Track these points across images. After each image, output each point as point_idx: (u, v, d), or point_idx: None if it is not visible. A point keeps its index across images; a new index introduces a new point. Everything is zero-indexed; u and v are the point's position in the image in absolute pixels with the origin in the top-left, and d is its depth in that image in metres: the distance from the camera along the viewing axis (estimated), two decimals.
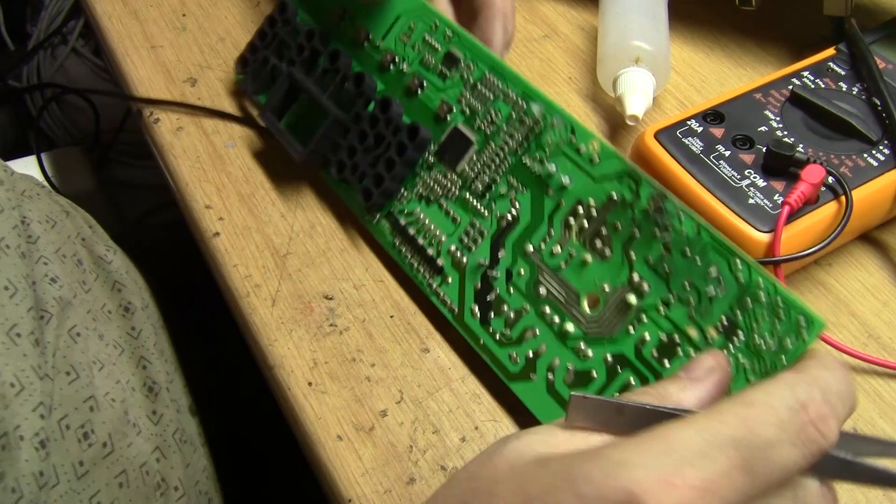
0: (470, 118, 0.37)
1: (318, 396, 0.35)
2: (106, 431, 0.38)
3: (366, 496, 0.33)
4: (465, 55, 0.38)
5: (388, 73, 0.40)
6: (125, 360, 0.42)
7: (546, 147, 0.34)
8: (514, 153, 0.35)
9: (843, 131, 0.39)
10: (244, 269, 0.40)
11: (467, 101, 0.37)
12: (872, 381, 0.35)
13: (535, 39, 0.51)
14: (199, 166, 0.44)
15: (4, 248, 0.37)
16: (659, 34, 0.45)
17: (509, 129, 0.36)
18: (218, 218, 0.42)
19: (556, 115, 0.34)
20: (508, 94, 0.36)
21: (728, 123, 0.40)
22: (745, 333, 0.28)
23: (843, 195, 0.36)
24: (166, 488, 0.40)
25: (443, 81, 0.38)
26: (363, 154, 0.38)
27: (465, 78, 0.38)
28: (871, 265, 0.39)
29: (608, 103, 0.46)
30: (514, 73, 0.36)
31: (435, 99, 0.38)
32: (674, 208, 0.30)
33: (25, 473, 0.33)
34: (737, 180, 0.37)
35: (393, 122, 0.38)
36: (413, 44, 0.40)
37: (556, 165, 0.34)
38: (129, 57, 0.50)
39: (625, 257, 0.31)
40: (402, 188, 0.38)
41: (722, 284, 0.29)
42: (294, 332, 0.37)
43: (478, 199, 0.35)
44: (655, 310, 0.30)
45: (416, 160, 0.38)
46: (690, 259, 0.30)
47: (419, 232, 0.37)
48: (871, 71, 0.41)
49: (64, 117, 0.96)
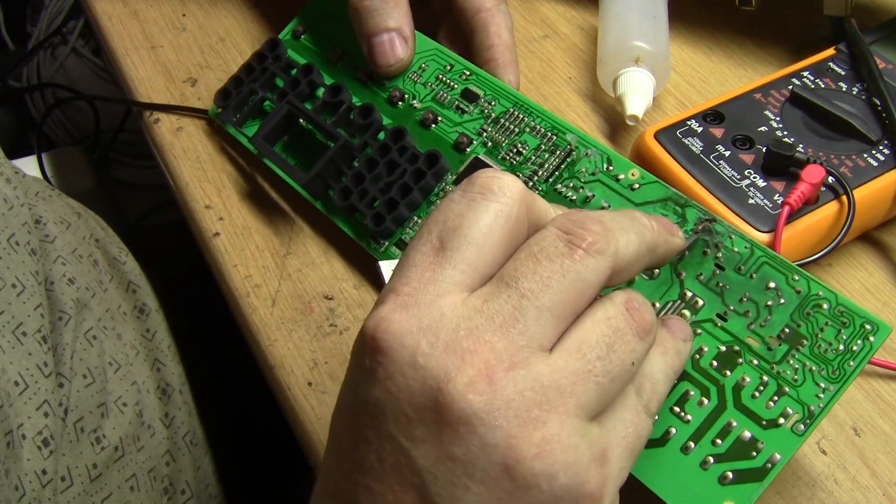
0: (492, 149, 0.38)
1: (318, 396, 0.35)
2: (118, 435, 0.38)
3: None
4: (484, 93, 0.39)
5: (397, 108, 0.40)
6: (140, 361, 0.42)
7: (580, 176, 0.35)
8: (545, 182, 0.36)
9: (843, 131, 0.39)
10: (244, 270, 0.40)
11: (489, 135, 0.38)
12: (872, 381, 0.35)
13: (535, 39, 0.51)
14: (199, 166, 0.44)
15: (13, 245, 0.37)
16: (659, 34, 0.45)
17: (538, 160, 0.36)
18: (218, 218, 0.42)
19: (592, 146, 0.35)
20: (536, 128, 0.37)
21: (728, 123, 0.40)
22: (810, 340, 0.29)
23: (845, 195, 0.36)
24: (174, 492, 0.41)
25: (460, 116, 0.39)
26: (371, 181, 0.38)
27: (486, 113, 0.38)
28: (871, 265, 0.39)
29: (608, 103, 0.46)
30: (542, 108, 0.37)
31: (451, 132, 0.39)
32: (724, 229, 0.31)
33: (28, 472, 0.33)
34: (737, 180, 0.37)
35: (409, 151, 0.38)
36: (425, 82, 0.40)
37: (592, 192, 0.34)
38: (129, 57, 0.50)
39: (675, 276, 0.32)
40: (413, 216, 0.38)
41: (781, 297, 0.30)
42: (294, 332, 0.37)
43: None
44: (711, 323, 0.30)
45: (432, 188, 0.38)
46: (745, 275, 0.31)
47: None
48: (871, 71, 0.41)
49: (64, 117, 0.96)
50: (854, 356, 0.28)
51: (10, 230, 0.37)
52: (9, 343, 0.35)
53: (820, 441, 0.34)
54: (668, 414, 0.30)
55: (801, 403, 0.28)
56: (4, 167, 0.40)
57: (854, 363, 0.28)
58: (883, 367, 0.35)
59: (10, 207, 0.38)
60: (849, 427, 0.34)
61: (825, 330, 0.29)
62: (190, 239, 0.43)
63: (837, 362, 0.29)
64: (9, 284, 0.36)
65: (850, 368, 0.28)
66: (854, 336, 0.29)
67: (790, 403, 0.28)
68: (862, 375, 0.35)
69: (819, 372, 0.29)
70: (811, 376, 0.29)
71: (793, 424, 0.28)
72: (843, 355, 0.29)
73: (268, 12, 0.52)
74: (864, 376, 0.35)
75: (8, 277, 0.36)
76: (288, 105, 0.41)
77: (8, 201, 0.38)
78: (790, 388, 0.29)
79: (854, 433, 0.34)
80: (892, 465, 0.33)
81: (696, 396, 0.30)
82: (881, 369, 0.36)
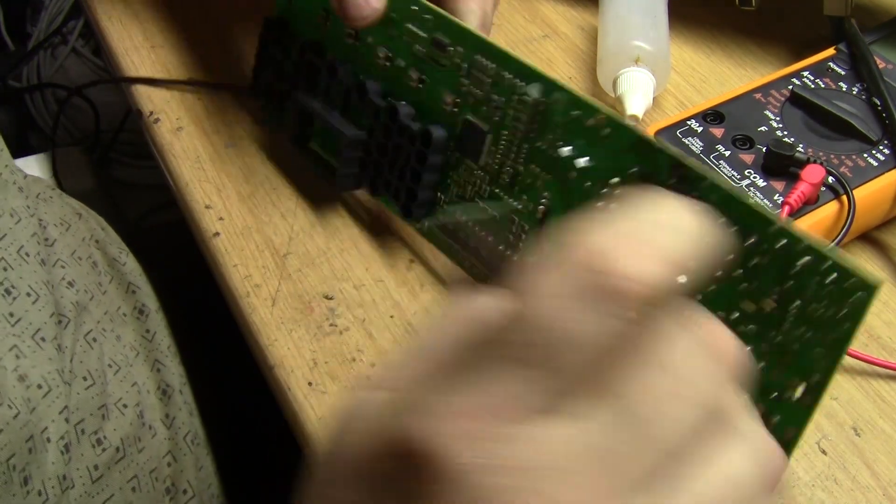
0: (476, 106, 0.34)
1: (318, 396, 0.35)
2: (119, 436, 0.38)
3: None
4: (450, 39, 0.34)
5: (388, 73, 0.38)
6: (140, 362, 0.42)
7: (557, 128, 0.31)
8: (527, 139, 0.32)
9: (843, 131, 0.39)
10: (244, 269, 0.40)
11: (468, 89, 0.34)
12: (872, 381, 0.35)
13: (535, 39, 0.51)
14: (199, 166, 0.44)
15: (24, 256, 0.37)
16: (659, 34, 0.45)
17: (514, 114, 0.32)
18: (218, 218, 0.42)
19: (557, 91, 0.31)
20: (503, 77, 0.33)
21: (728, 123, 0.40)
22: (802, 301, 0.25)
23: (845, 195, 0.36)
24: (176, 492, 0.41)
25: (440, 71, 0.35)
26: (389, 168, 0.37)
27: (458, 64, 0.34)
28: (870, 265, 0.39)
29: (608, 103, 0.46)
30: (506, 51, 0.33)
31: (440, 91, 0.35)
32: (696, 176, 0.27)
33: (51, 476, 0.33)
34: (737, 180, 0.37)
35: (407, 130, 0.36)
36: (400, 34, 0.36)
37: (571, 146, 0.31)
38: (129, 57, 0.50)
39: None
40: (438, 195, 0.36)
41: (766, 253, 0.26)
42: (294, 332, 0.37)
43: (508, 192, 0.33)
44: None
45: (438, 164, 0.35)
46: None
47: (468, 235, 0.34)
48: (871, 71, 0.41)
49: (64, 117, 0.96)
50: (845, 318, 0.24)
51: (18, 242, 0.37)
52: (29, 348, 0.35)
53: (820, 441, 0.34)
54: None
55: (802, 370, 0.25)
56: (17, 175, 0.40)
57: (847, 326, 0.24)
58: (883, 366, 0.35)
59: (18, 220, 0.38)
60: (849, 427, 0.34)
61: (815, 289, 0.24)
62: (190, 239, 0.43)
63: (827, 326, 0.24)
64: (23, 293, 0.36)
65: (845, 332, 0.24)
66: (841, 296, 0.24)
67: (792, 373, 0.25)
68: (862, 375, 0.35)
69: (817, 337, 0.24)
70: (809, 343, 0.25)
71: (799, 397, 0.24)
72: (832, 319, 0.24)
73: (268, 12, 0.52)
74: (864, 376, 0.35)
75: (22, 286, 0.36)
76: (296, 103, 0.40)
77: (15, 215, 0.38)
78: (791, 357, 0.25)
79: (854, 433, 0.34)
80: (892, 465, 0.33)
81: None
82: (881, 369, 0.35)
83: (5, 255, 0.36)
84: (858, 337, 0.37)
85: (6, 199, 0.38)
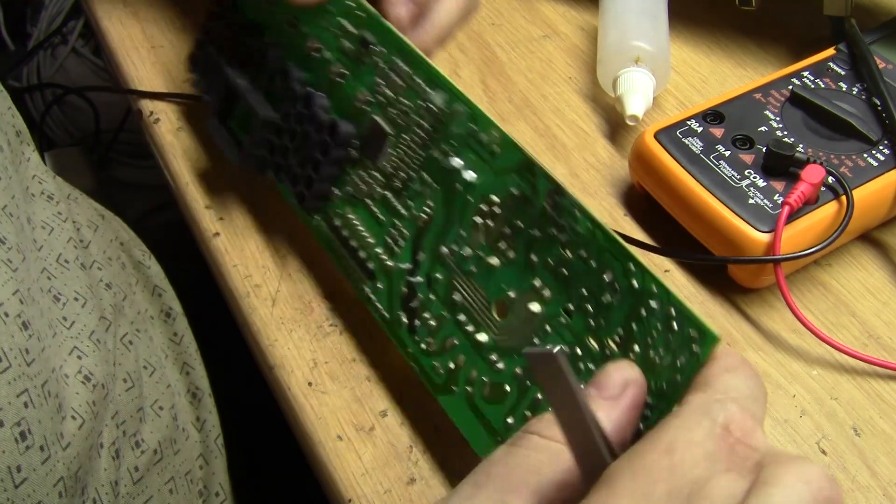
0: (385, 108, 0.34)
1: (318, 396, 0.35)
2: (156, 439, 0.38)
3: (366, 496, 0.33)
4: (376, 39, 0.35)
5: (314, 63, 0.37)
6: (170, 364, 0.42)
7: (453, 140, 0.31)
8: (425, 146, 0.32)
9: (843, 131, 0.39)
10: (244, 269, 0.40)
11: (381, 90, 0.34)
12: (872, 381, 0.35)
13: (535, 39, 0.51)
14: (199, 166, 0.44)
15: (64, 264, 0.37)
16: (659, 34, 0.45)
17: (418, 120, 0.32)
18: (218, 218, 0.42)
19: (459, 103, 0.31)
20: (415, 81, 0.33)
21: (728, 123, 0.40)
22: (641, 347, 0.25)
23: (844, 195, 0.36)
24: (208, 494, 0.41)
25: (361, 69, 0.35)
26: (294, 155, 0.36)
27: (378, 63, 0.34)
28: (871, 265, 0.39)
29: (608, 103, 0.46)
30: (420, 56, 0.33)
31: (356, 88, 0.35)
32: (569, 204, 0.27)
33: (104, 483, 0.34)
34: (737, 180, 0.37)
35: (317, 119, 0.35)
36: (332, 28, 0.36)
37: (462, 160, 0.31)
38: (129, 57, 0.50)
39: (527, 260, 0.29)
40: (333, 189, 0.35)
41: (617, 291, 0.26)
42: (294, 332, 0.37)
43: (397, 197, 0.33)
44: (558, 319, 0.28)
45: (341, 158, 0.35)
46: (587, 262, 0.27)
47: (352, 235, 0.34)
48: (871, 71, 0.41)
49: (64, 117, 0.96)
50: (681, 371, 0.24)
51: (56, 251, 0.37)
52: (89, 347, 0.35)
53: (820, 441, 0.34)
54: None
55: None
56: (46, 183, 0.40)
57: (680, 379, 0.24)
58: (883, 367, 0.35)
59: (51, 231, 0.38)
60: (849, 427, 0.34)
61: (657, 336, 0.25)
62: (190, 239, 0.43)
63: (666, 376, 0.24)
64: (71, 299, 0.36)
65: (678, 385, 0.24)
66: (681, 345, 0.24)
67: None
68: (862, 375, 0.35)
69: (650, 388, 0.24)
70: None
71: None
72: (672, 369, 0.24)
73: None
74: (864, 376, 0.35)
75: (69, 293, 0.36)
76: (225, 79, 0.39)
77: (47, 226, 0.38)
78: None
79: (854, 433, 0.34)
80: (892, 465, 0.33)
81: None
82: (881, 369, 0.36)
83: (46, 266, 0.36)
84: (858, 337, 0.37)
85: (35, 212, 0.37)
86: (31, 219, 0.37)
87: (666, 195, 0.39)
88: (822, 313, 0.38)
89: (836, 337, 0.36)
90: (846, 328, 0.37)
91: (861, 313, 0.38)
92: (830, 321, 0.37)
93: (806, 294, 0.38)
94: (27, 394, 0.30)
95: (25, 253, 0.34)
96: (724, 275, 0.38)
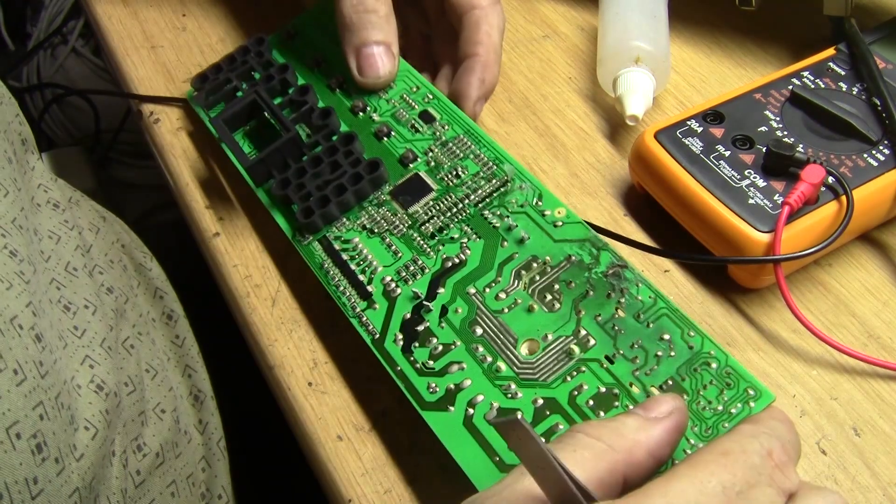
0: (433, 169, 0.38)
1: (318, 396, 0.35)
2: (158, 442, 0.38)
3: (366, 496, 0.33)
4: (441, 116, 0.39)
5: (357, 118, 0.41)
6: (172, 367, 0.42)
7: (509, 205, 0.35)
8: (475, 206, 0.36)
9: (843, 131, 0.39)
10: (244, 269, 0.40)
11: (434, 155, 0.38)
12: (872, 381, 0.35)
13: (535, 39, 0.51)
14: (199, 166, 0.44)
15: (72, 272, 0.37)
16: (659, 34, 0.45)
17: (473, 185, 0.37)
18: (218, 218, 0.42)
19: (527, 181, 0.36)
20: (479, 156, 0.37)
21: (728, 123, 0.40)
22: (690, 395, 0.29)
23: (844, 195, 0.36)
24: (210, 497, 0.41)
25: (412, 134, 0.39)
26: (312, 177, 0.38)
27: (437, 136, 0.39)
28: (871, 265, 0.39)
29: (608, 103, 0.46)
30: (489, 138, 0.38)
31: (400, 147, 0.39)
32: (633, 276, 0.32)
33: (115, 491, 0.34)
34: (737, 180, 0.37)
35: (354, 155, 0.38)
36: (389, 98, 0.41)
37: (516, 222, 0.35)
38: (129, 57, 0.50)
39: (574, 312, 0.32)
40: (343, 217, 0.38)
41: (672, 349, 0.30)
42: (294, 332, 0.37)
43: (426, 239, 0.36)
44: (598, 363, 0.31)
45: (367, 194, 0.38)
46: (642, 323, 0.31)
47: (353, 259, 0.36)
48: (871, 71, 0.41)
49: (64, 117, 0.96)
50: (731, 418, 0.28)
51: (64, 260, 0.37)
52: (101, 356, 0.35)
53: (820, 441, 0.34)
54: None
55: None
56: (51, 191, 0.40)
57: (729, 425, 0.28)
58: (883, 367, 0.35)
59: (58, 240, 0.38)
60: (849, 427, 0.34)
61: (708, 388, 0.29)
62: (190, 239, 0.43)
63: (712, 421, 0.28)
64: (81, 307, 0.36)
65: (723, 430, 0.28)
66: (735, 398, 0.29)
67: None
68: (862, 375, 0.35)
69: (692, 427, 0.28)
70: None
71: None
72: (720, 415, 0.28)
73: (267, 14, 0.52)
74: (864, 376, 0.36)
75: (79, 301, 0.36)
76: (254, 94, 0.41)
77: (54, 235, 0.38)
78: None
79: (854, 433, 0.34)
80: (892, 465, 0.33)
81: (564, 431, 0.29)
82: (881, 369, 0.36)
83: (55, 276, 0.36)
84: (858, 337, 0.37)
85: (41, 223, 0.37)
86: (38, 230, 0.37)
87: (666, 195, 0.39)
88: (822, 313, 0.38)
89: (836, 337, 0.36)
90: (846, 328, 0.37)
91: (861, 313, 0.38)
92: (830, 321, 0.37)
93: (806, 294, 0.38)
94: (42, 406, 0.30)
95: (35, 265, 0.34)
96: (724, 275, 0.38)
